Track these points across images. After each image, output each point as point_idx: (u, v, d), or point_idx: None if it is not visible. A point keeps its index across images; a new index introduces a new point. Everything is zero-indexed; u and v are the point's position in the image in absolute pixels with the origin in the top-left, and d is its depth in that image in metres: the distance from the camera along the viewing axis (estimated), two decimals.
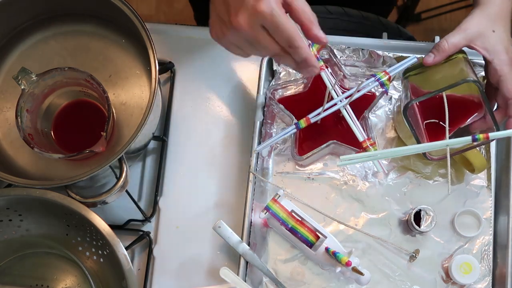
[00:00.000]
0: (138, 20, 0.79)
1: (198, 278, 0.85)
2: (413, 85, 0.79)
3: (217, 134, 0.90)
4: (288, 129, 0.81)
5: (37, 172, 0.83)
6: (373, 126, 0.86)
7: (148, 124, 0.76)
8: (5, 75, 0.86)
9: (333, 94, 0.79)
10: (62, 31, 0.87)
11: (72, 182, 0.75)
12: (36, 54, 0.87)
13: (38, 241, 0.84)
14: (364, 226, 0.85)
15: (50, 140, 0.82)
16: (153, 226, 0.87)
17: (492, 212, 0.85)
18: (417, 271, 0.83)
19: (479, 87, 0.73)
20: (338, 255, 0.75)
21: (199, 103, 0.91)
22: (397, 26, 1.10)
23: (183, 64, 0.92)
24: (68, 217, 0.80)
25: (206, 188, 0.88)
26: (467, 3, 1.76)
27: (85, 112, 0.85)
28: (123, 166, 0.75)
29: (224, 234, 0.81)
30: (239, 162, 0.88)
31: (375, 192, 0.85)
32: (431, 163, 0.86)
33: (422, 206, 0.82)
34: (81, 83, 0.80)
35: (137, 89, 0.85)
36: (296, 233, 0.79)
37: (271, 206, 0.79)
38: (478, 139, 0.70)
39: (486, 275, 0.83)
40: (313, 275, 0.83)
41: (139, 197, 0.89)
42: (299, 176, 0.86)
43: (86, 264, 0.84)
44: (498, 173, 0.86)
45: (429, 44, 0.92)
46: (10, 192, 0.77)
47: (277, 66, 0.88)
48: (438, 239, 0.84)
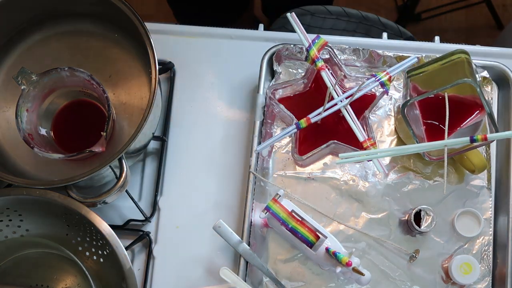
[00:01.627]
0: (138, 20, 0.79)
1: (198, 278, 0.85)
2: (415, 85, 0.79)
3: (217, 134, 0.90)
4: (289, 129, 0.81)
5: (37, 172, 0.83)
6: (373, 126, 0.86)
7: (148, 124, 0.76)
8: (5, 75, 0.86)
9: (333, 94, 0.79)
10: (62, 31, 0.87)
11: (72, 182, 0.75)
12: (36, 54, 0.87)
13: (38, 241, 0.84)
14: (364, 226, 0.85)
15: (50, 140, 0.82)
16: (153, 226, 0.87)
17: (492, 212, 0.85)
18: (417, 271, 0.83)
19: (476, 88, 0.74)
20: (339, 255, 0.75)
21: (199, 103, 0.91)
22: (397, 26, 1.11)
23: (183, 64, 0.92)
24: (68, 217, 0.80)
25: (206, 188, 0.88)
26: (467, 3, 1.76)
27: (85, 112, 0.85)
28: (123, 166, 0.75)
29: (224, 234, 0.81)
30: (239, 162, 0.88)
31: (375, 192, 0.85)
32: (431, 163, 0.86)
33: (422, 206, 0.82)
34: (81, 83, 0.80)
35: (137, 89, 0.85)
36: (297, 233, 0.79)
37: (272, 206, 0.79)
38: (476, 140, 0.70)
39: (486, 275, 0.83)
40: (313, 275, 0.83)
41: (139, 197, 0.89)
42: (299, 176, 0.86)
43: (86, 264, 0.84)
44: (498, 173, 0.86)
45: (429, 44, 0.93)
46: (10, 192, 0.77)
47: (277, 66, 0.89)
48: (438, 239, 0.84)
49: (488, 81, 0.88)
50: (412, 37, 1.10)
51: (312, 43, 0.80)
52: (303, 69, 0.89)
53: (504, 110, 0.88)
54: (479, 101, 0.75)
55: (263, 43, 0.91)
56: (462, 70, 0.76)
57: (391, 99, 0.88)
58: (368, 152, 0.77)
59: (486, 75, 0.87)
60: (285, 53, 0.89)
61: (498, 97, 0.89)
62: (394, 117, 0.88)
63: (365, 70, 0.89)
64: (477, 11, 1.82)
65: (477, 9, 1.81)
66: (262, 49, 0.88)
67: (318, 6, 1.09)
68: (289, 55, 0.89)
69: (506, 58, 0.91)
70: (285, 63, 0.90)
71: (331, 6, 1.10)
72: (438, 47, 0.92)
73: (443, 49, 0.89)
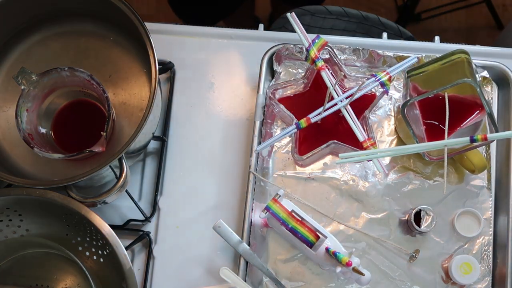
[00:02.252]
0: (138, 20, 0.79)
1: (198, 278, 0.85)
2: (415, 85, 0.79)
3: (217, 134, 0.90)
4: (289, 129, 0.81)
5: (37, 172, 0.83)
6: (373, 126, 0.86)
7: (148, 124, 0.76)
8: (5, 75, 0.86)
9: (333, 94, 0.79)
10: (62, 31, 0.87)
11: (72, 182, 0.75)
12: (36, 54, 0.87)
13: (38, 241, 0.84)
14: (364, 226, 0.85)
15: (50, 140, 0.82)
16: (153, 226, 0.87)
17: (492, 212, 0.85)
18: (417, 271, 0.83)
19: (476, 87, 0.74)
20: (339, 255, 0.75)
21: (199, 103, 0.91)
22: (397, 26, 1.11)
23: (183, 64, 0.92)
24: (68, 217, 0.80)
25: (206, 188, 0.88)
26: (467, 3, 1.76)
27: (85, 112, 0.85)
28: (123, 166, 0.75)
29: (224, 234, 0.81)
30: (239, 162, 0.88)
31: (375, 192, 0.85)
32: (431, 163, 0.86)
33: (422, 206, 0.82)
34: (81, 83, 0.80)
35: (137, 89, 0.85)
36: (297, 233, 0.79)
37: (272, 206, 0.79)
38: (476, 140, 0.70)
39: (486, 275, 0.83)
40: (313, 275, 0.83)
41: (139, 197, 0.89)
42: (299, 176, 0.86)
43: (86, 264, 0.84)
44: (498, 173, 0.86)
45: (429, 44, 0.93)
46: (10, 192, 0.77)
47: (277, 66, 0.89)
48: (438, 239, 0.84)
49: (488, 81, 0.88)
50: (412, 37, 1.10)
51: (312, 43, 0.79)
52: (303, 69, 0.89)
53: (504, 110, 0.88)
54: (479, 101, 0.75)
55: (263, 43, 0.91)
56: (462, 70, 0.76)
57: (391, 99, 0.88)
58: (368, 152, 0.77)
59: (486, 75, 0.87)
60: (285, 53, 0.89)
61: (498, 97, 0.89)
62: (394, 117, 0.88)
63: (365, 70, 0.89)
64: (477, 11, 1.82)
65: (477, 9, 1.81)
66: (262, 49, 0.88)
67: (318, 6, 1.09)
68: (289, 55, 0.89)
69: (506, 58, 0.91)
70: (285, 63, 0.90)
71: (331, 6, 1.10)
72: (438, 47, 0.92)
73: (443, 49, 0.89)
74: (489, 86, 0.88)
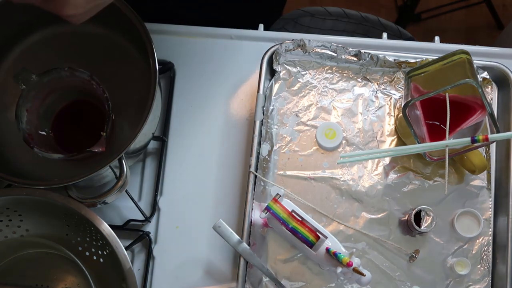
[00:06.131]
0: (138, 20, 0.79)
1: (198, 278, 0.85)
2: (416, 86, 0.79)
3: (217, 134, 0.90)
4: None
5: (37, 172, 0.83)
6: (373, 125, 0.86)
7: (148, 124, 0.76)
8: (5, 75, 0.86)
9: None
10: (62, 31, 0.87)
11: (72, 182, 0.75)
12: (36, 54, 0.87)
13: (38, 241, 0.84)
14: (364, 226, 0.85)
15: (50, 140, 0.82)
16: (153, 226, 0.87)
17: (491, 212, 0.85)
18: (417, 271, 0.83)
19: (478, 88, 0.73)
20: (339, 256, 0.75)
21: (199, 103, 0.91)
22: (397, 27, 1.11)
23: (183, 64, 0.92)
24: (68, 217, 0.80)
25: (206, 188, 0.88)
26: (467, 3, 1.77)
27: (85, 112, 0.85)
28: (123, 166, 0.75)
29: (224, 234, 0.81)
30: (239, 162, 0.88)
31: (375, 192, 0.85)
32: (431, 164, 0.86)
33: (422, 207, 0.82)
34: (81, 83, 0.80)
35: (137, 89, 0.85)
36: (297, 233, 0.79)
37: (272, 206, 0.79)
38: (477, 141, 0.70)
39: (486, 275, 0.83)
40: (313, 275, 0.83)
41: (139, 197, 0.89)
42: (299, 176, 0.86)
43: (86, 264, 0.84)
44: (497, 174, 0.86)
45: (429, 44, 0.93)
46: (10, 192, 0.77)
47: (277, 65, 0.88)
48: (438, 239, 0.84)
49: (488, 82, 0.88)
50: (411, 37, 1.10)
51: None
52: (303, 68, 0.89)
53: (504, 111, 0.88)
54: (480, 102, 0.75)
55: (263, 43, 0.92)
56: (463, 70, 0.76)
57: (391, 99, 0.88)
58: (369, 152, 0.77)
59: (486, 76, 0.87)
60: (285, 52, 0.89)
61: (498, 97, 0.89)
62: (394, 117, 0.88)
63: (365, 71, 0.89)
64: (477, 11, 1.82)
65: (477, 9, 1.81)
66: (262, 49, 0.88)
67: (317, 7, 1.09)
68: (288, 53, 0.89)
69: (506, 58, 0.91)
70: (285, 61, 0.90)
71: (331, 7, 1.10)
72: (438, 47, 0.92)
73: (443, 49, 0.89)
74: (489, 87, 0.88)
